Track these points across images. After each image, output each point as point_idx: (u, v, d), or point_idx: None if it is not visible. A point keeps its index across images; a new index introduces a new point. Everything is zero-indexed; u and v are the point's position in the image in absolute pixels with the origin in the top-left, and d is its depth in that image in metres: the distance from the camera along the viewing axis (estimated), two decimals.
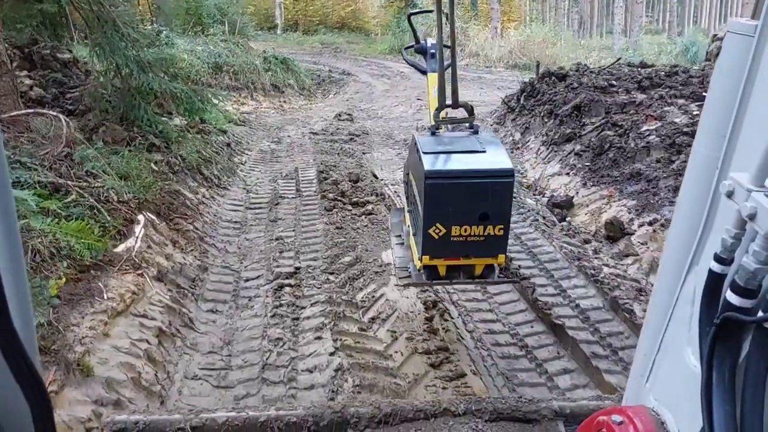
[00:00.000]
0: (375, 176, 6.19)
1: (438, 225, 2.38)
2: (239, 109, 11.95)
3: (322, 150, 7.24)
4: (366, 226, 4.68)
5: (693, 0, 37.36)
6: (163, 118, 5.91)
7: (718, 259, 0.86)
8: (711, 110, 1.02)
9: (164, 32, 13.15)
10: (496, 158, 2.49)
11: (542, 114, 7.24)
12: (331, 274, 3.94)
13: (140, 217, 4.13)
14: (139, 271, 3.57)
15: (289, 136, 8.35)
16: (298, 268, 4.01)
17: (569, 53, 20.31)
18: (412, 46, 3.50)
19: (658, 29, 34.72)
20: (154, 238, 4.07)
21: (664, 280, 1.12)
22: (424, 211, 2.37)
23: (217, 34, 14.69)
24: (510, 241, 4.48)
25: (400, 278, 2.84)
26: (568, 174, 6.04)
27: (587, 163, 5.92)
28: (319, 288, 3.77)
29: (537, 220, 4.86)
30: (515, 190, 6.34)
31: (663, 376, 1.09)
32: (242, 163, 6.62)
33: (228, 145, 6.87)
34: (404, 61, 3.58)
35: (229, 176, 5.94)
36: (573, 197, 5.54)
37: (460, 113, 2.85)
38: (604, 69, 8.80)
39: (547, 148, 6.70)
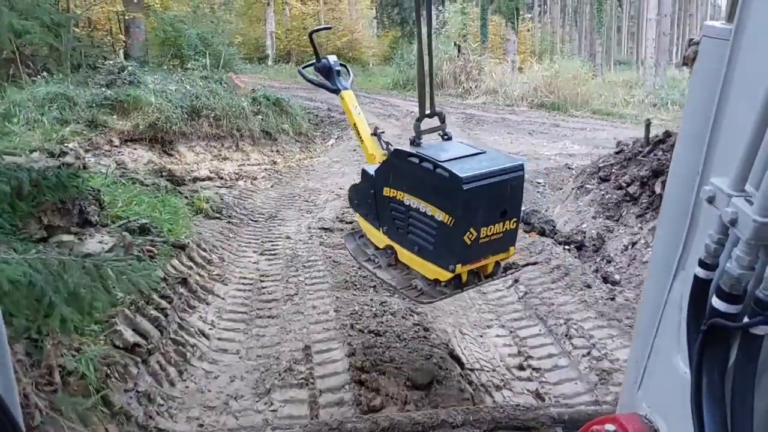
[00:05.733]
0: (458, 362, 3.22)
1: (471, 230, 2.39)
2: (219, 168, 9.14)
3: (346, 279, 4.25)
4: None
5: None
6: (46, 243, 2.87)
7: (702, 264, 0.85)
8: (690, 115, 1.02)
9: (129, 68, 10.40)
10: (500, 156, 2.62)
11: None
12: None
13: None
14: None
15: (288, 238, 5.35)
16: None
17: (602, 92, 17.81)
18: (312, 65, 3.41)
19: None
20: None
21: (652, 286, 1.11)
22: (461, 219, 2.35)
23: (197, 69, 12.04)
24: None
25: (415, 298, 2.67)
26: None
27: None
28: None
29: None
30: None
31: (654, 383, 1.07)
32: (204, 332, 3.42)
33: (184, 281, 3.82)
34: (305, 80, 3.42)
35: (174, 384, 2.87)
36: None
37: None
38: None
39: None
